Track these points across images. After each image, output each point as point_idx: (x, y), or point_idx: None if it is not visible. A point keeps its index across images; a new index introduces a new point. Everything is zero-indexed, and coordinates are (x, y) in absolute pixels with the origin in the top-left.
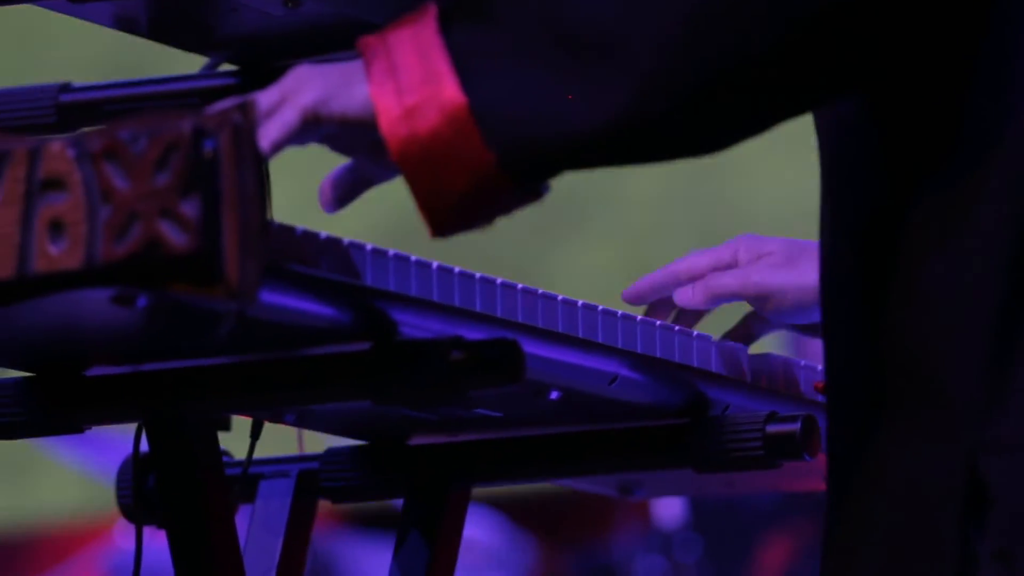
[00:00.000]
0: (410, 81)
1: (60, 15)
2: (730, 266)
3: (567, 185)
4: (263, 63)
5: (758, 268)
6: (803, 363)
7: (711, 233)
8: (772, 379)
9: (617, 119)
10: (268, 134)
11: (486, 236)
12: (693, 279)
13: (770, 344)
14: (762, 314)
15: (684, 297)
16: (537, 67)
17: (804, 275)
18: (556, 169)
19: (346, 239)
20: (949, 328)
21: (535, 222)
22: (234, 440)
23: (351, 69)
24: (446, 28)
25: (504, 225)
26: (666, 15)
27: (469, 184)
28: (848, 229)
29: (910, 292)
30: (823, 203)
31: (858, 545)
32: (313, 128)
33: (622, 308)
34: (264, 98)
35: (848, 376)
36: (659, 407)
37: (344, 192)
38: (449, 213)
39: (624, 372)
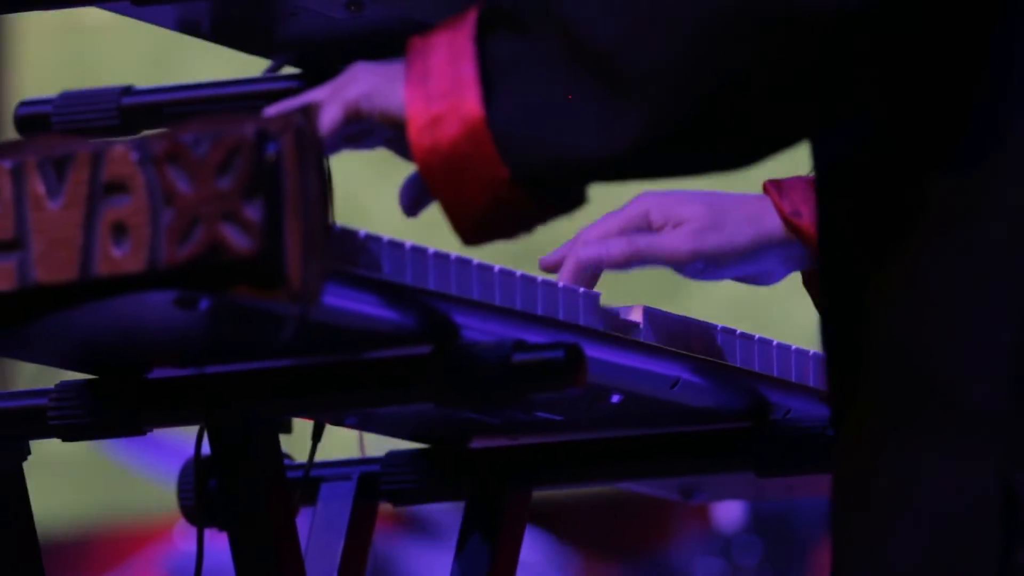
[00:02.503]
0: (438, 88)
1: None
2: (641, 228)
3: None
4: (325, 66)
5: (686, 237)
6: None
7: None
8: None
9: (627, 147)
10: None
11: None
12: None
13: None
14: (680, 274)
15: (595, 253)
16: (558, 84)
17: (732, 236)
18: (570, 188)
19: (408, 243)
20: (964, 330)
21: None
22: (295, 443)
23: (399, 68)
24: (483, 35)
25: None
26: (671, 40)
27: (487, 198)
28: (850, 232)
29: (919, 288)
30: (820, 207)
31: (881, 569)
32: (356, 123)
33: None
34: (316, 95)
35: (855, 385)
36: (720, 411)
37: (416, 197)
38: (473, 224)
39: (686, 376)
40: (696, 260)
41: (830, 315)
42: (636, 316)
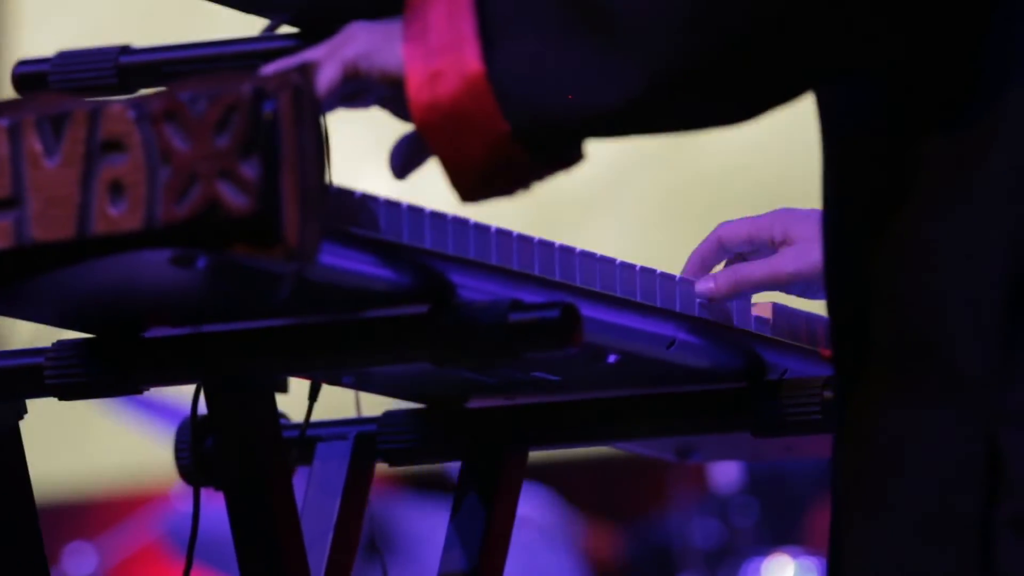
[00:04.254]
0: (438, 44)
1: None
2: (766, 244)
3: None
4: (323, 26)
5: (788, 258)
6: None
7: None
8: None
9: (629, 100)
10: None
11: None
12: (728, 251)
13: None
14: (789, 293)
15: (706, 288)
16: (559, 39)
17: None
18: (571, 142)
19: (405, 202)
20: (956, 292)
21: None
22: (292, 403)
23: (396, 26)
24: None
25: None
26: None
27: (487, 153)
28: (851, 193)
29: (916, 248)
30: (825, 169)
31: (875, 522)
32: (353, 82)
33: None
34: (312, 54)
35: (854, 347)
36: (717, 371)
37: (406, 160)
38: (472, 181)
39: (682, 336)
40: (796, 281)
41: (833, 276)
42: (765, 312)
